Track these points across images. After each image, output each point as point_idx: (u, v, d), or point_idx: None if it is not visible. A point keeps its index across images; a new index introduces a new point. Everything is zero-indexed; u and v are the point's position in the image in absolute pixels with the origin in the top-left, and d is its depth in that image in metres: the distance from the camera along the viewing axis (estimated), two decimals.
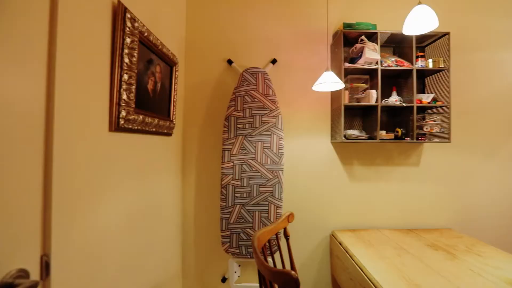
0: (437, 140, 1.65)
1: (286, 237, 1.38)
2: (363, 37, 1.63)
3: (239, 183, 1.57)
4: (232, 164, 1.58)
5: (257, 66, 1.73)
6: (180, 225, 1.72)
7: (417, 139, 1.67)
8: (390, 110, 1.84)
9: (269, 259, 1.58)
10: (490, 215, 1.86)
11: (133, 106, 0.98)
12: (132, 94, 0.96)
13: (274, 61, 1.77)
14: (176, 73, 1.44)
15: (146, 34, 1.06)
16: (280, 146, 1.59)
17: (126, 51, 0.93)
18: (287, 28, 1.81)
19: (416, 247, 1.49)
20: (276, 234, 1.31)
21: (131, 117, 0.97)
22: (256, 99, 1.60)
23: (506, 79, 1.89)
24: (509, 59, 1.89)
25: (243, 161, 1.58)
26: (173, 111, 1.40)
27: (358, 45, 1.65)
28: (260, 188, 1.57)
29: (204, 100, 1.78)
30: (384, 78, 1.83)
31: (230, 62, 1.76)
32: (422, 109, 1.77)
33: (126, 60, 0.93)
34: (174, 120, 1.43)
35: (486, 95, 1.87)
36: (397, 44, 1.82)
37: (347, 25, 1.63)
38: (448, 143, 1.84)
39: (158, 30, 1.29)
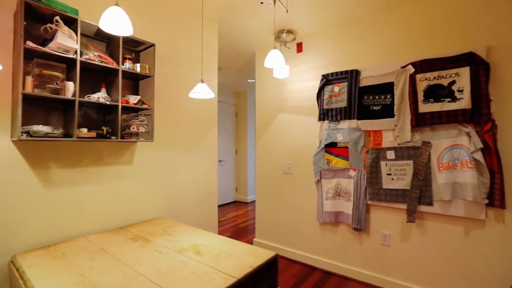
0: (143, 139, 1.80)
1: None
2: (57, 17, 1.40)
3: None
4: None
5: None
6: None
7: (123, 138, 1.73)
8: (102, 108, 1.77)
9: None
10: (189, 200, 2.35)
11: None
12: None
13: None
14: None
15: None
16: None
17: None
18: None
19: (118, 244, 1.51)
20: None
21: None
22: None
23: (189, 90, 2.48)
24: (191, 75, 2.49)
25: None
26: None
27: (53, 26, 1.40)
28: None
29: None
30: (94, 72, 1.72)
31: None
32: (133, 110, 1.87)
33: None
34: None
35: (184, 103, 2.33)
36: (110, 41, 1.78)
37: None
38: (158, 141, 2.10)
39: None
